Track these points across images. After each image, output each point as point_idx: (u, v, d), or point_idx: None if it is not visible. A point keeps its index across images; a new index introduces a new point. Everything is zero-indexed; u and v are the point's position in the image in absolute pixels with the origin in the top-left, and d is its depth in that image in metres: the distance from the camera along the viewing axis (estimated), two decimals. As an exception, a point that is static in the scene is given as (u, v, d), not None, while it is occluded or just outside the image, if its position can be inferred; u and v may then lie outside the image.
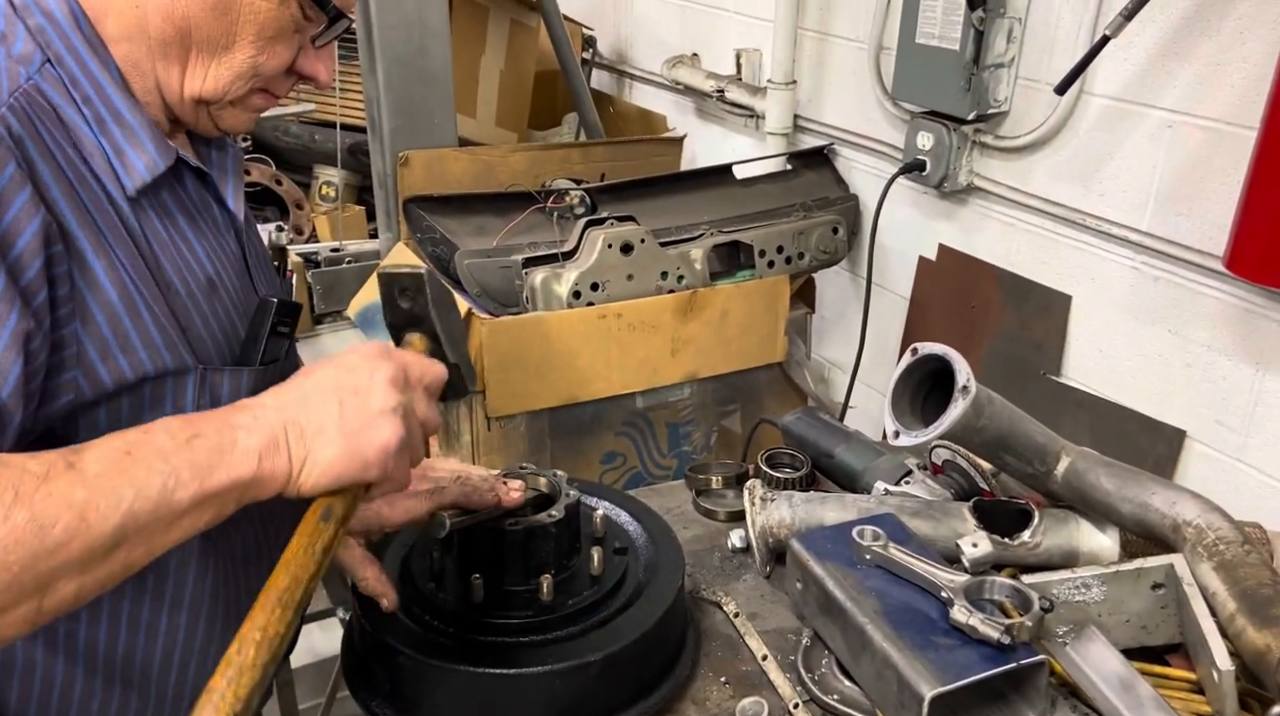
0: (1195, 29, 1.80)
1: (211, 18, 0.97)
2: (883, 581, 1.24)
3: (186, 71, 1.00)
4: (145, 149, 0.97)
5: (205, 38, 0.98)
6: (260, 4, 0.98)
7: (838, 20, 2.58)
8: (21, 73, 0.91)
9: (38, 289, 0.86)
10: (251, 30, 0.98)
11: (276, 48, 1.01)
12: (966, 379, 1.29)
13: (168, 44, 0.97)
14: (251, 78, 1.02)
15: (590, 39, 3.48)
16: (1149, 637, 1.27)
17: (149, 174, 0.97)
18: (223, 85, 1.01)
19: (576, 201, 2.30)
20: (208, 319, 1.02)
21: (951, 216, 2.38)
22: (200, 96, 1.01)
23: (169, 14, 0.96)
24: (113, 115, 0.96)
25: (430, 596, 1.18)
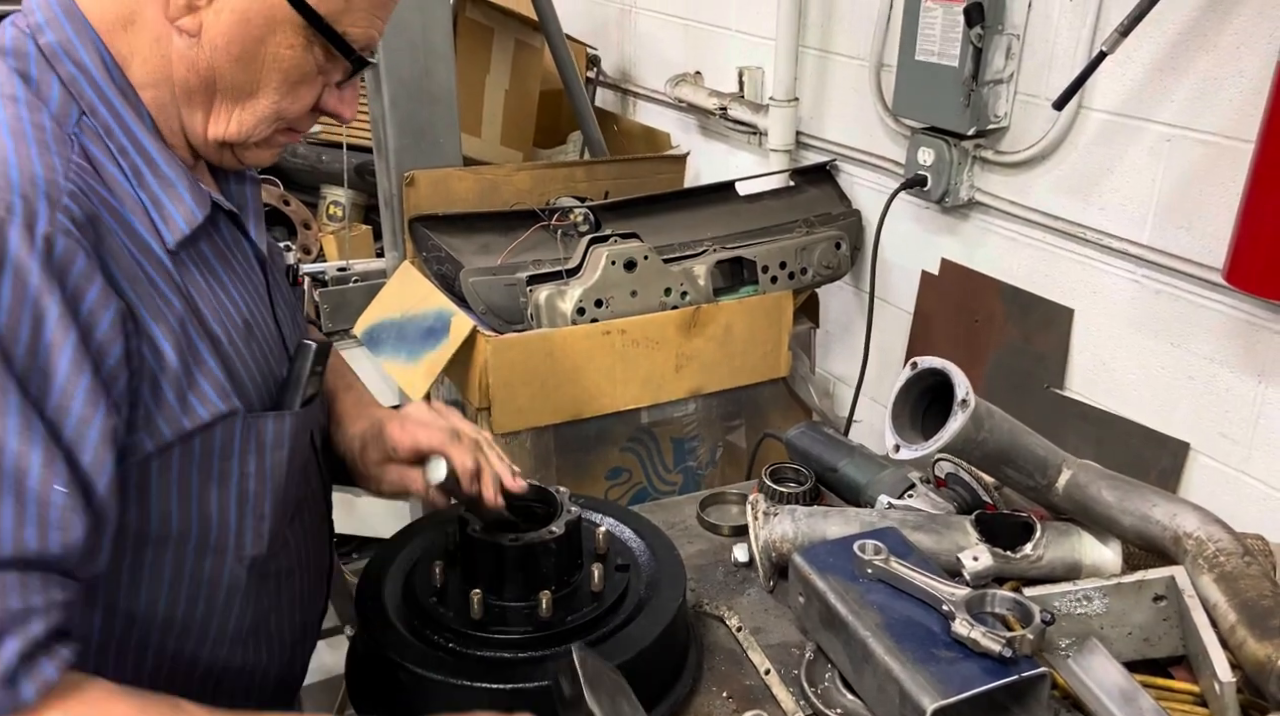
0: (1192, 44, 1.81)
1: (236, 67, 0.96)
2: (885, 595, 1.25)
3: (210, 116, 0.99)
4: (183, 200, 0.97)
5: (230, 85, 0.97)
6: (284, 51, 0.97)
7: (838, 38, 2.60)
8: (66, 134, 0.90)
9: (118, 374, 0.87)
10: (276, 77, 0.98)
11: (300, 91, 1.01)
12: (965, 392, 1.30)
13: (192, 91, 0.97)
14: (275, 121, 1.02)
15: (594, 58, 3.51)
16: (1151, 650, 1.27)
17: (188, 226, 0.97)
18: (246, 129, 1.00)
19: (580, 219, 2.32)
20: (248, 363, 1.03)
21: (953, 231, 2.39)
22: (225, 140, 1.01)
23: (193, 64, 0.95)
24: (149, 165, 0.95)
25: (431, 611, 1.19)
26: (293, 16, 0.94)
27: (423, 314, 2.20)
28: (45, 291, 0.81)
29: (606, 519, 1.37)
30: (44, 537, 0.81)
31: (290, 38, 0.96)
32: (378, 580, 1.26)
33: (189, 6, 0.93)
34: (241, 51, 0.95)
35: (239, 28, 0.94)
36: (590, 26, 3.60)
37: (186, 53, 0.94)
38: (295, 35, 0.96)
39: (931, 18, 2.16)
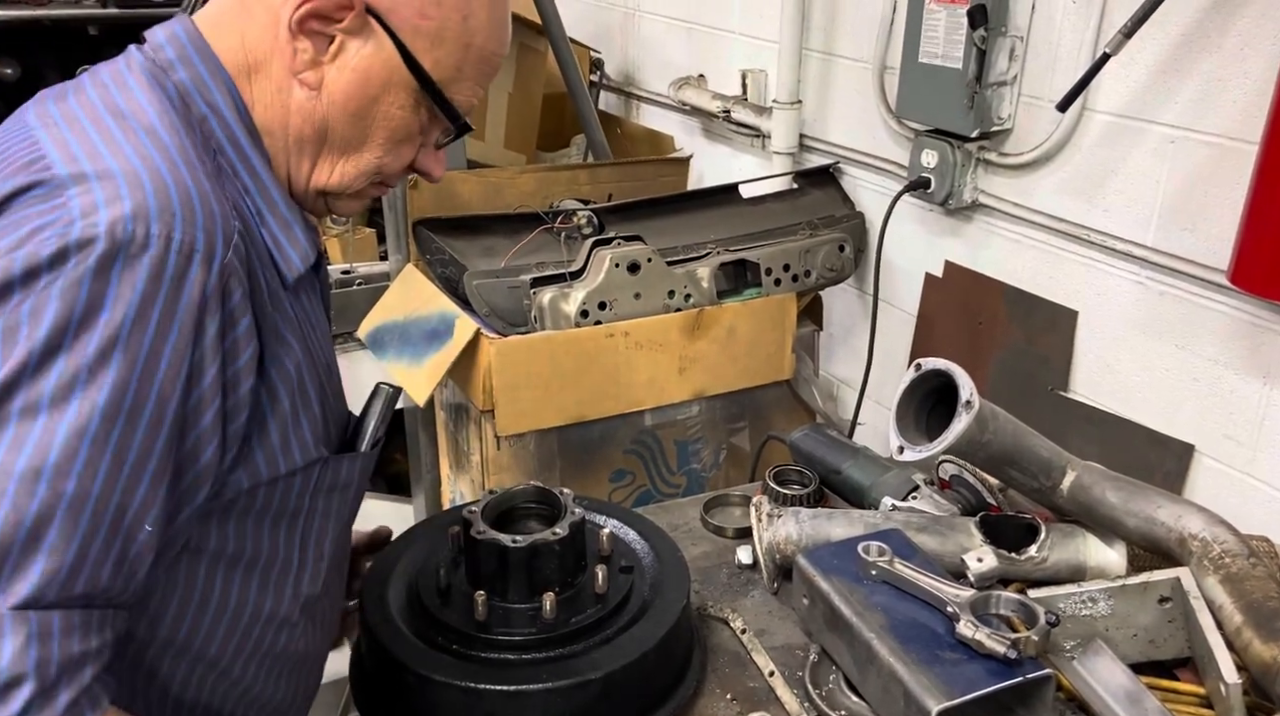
0: (1196, 45, 1.81)
1: (349, 122, 0.99)
2: (889, 597, 1.24)
3: (316, 166, 1.02)
4: (299, 240, 1.00)
5: (340, 138, 1.00)
6: (395, 111, 0.99)
7: (841, 41, 2.60)
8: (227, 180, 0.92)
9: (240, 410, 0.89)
10: (383, 134, 1.01)
11: (402, 149, 1.04)
12: (970, 394, 1.30)
13: (304, 141, 0.99)
14: (374, 175, 1.04)
15: (597, 61, 3.51)
16: (1156, 651, 1.27)
17: (303, 265, 0.99)
18: (348, 180, 1.03)
19: (584, 222, 2.32)
20: (329, 403, 1.05)
21: (957, 233, 2.39)
22: (325, 189, 1.03)
23: (310, 115, 0.98)
24: (269, 207, 0.97)
25: (436, 613, 1.19)
26: (409, 80, 0.98)
27: (426, 316, 2.21)
28: (209, 321, 0.85)
29: (610, 520, 1.37)
30: (117, 576, 0.82)
31: (403, 98, 0.99)
32: (382, 582, 1.26)
33: (313, 62, 0.96)
34: (357, 108, 0.98)
35: (358, 86, 0.97)
36: (593, 30, 3.61)
37: (305, 104, 0.97)
38: (408, 97, 0.99)
39: (935, 20, 2.16)
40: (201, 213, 0.85)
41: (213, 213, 0.86)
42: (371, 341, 2.33)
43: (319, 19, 0.94)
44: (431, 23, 0.96)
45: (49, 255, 0.78)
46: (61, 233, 0.79)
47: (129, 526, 0.82)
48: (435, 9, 0.96)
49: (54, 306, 0.78)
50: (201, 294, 0.83)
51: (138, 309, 0.80)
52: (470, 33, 0.98)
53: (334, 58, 0.96)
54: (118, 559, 0.82)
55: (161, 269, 0.81)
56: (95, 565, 0.80)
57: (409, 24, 0.96)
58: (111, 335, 0.79)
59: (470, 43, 0.99)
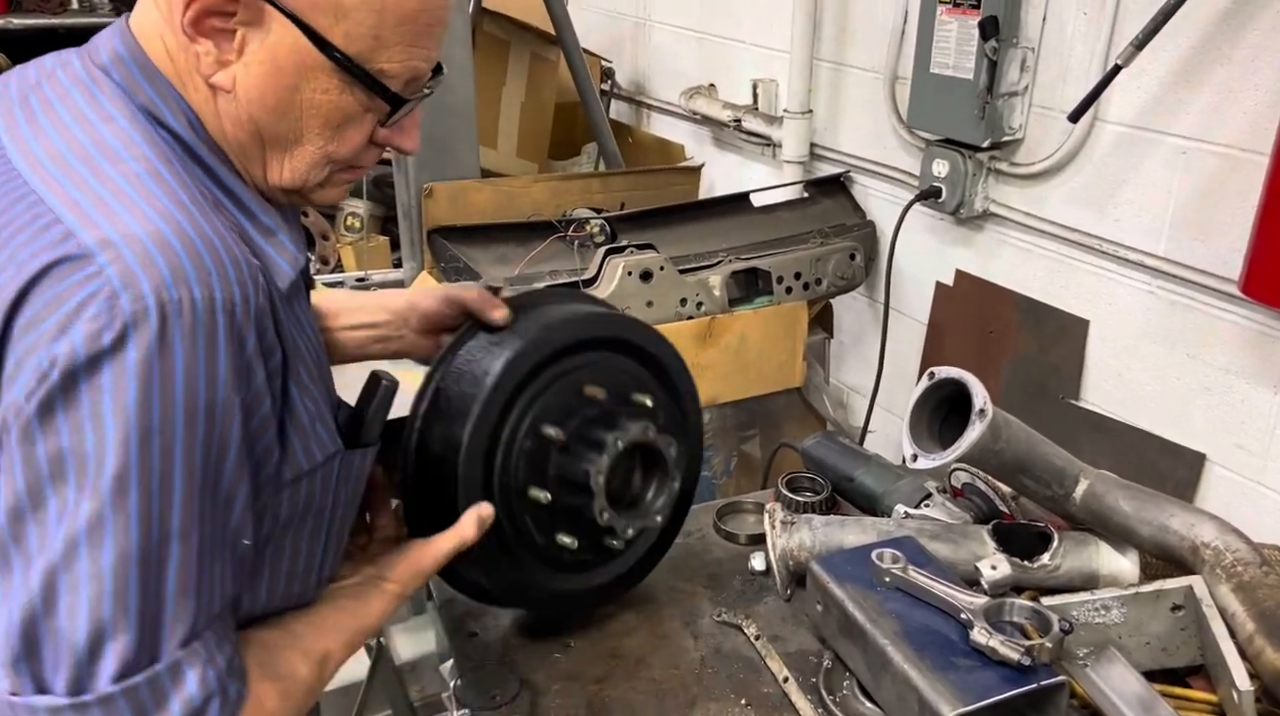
0: (1207, 57, 1.82)
1: (274, 117, 0.93)
2: (903, 603, 1.25)
3: (266, 167, 0.97)
4: (285, 247, 0.96)
5: (273, 136, 0.95)
6: (319, 97, 0.93)
7: (852, 51, 2.62)
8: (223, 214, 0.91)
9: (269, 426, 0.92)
10: (316, 123, 0.95)
11: (346, 133, 0.97)
12: (983, 402, 1.31)
13: (244, 145, 0.95)
14: (326, 164, 0.98)
15: (609, 70, 3.54)
16: (1169, 659, 1.28)
17: (293, 270, 0.96)
18: (300, 176, 0.98)
19: (597, 230, 2.34)
20: (329, 397, 1.04)
21: (968, 242, 2.40)
22: (284, 187, 0.99)
23: (236, 119, 0.93)
24: (249, 219, 0.94)
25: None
26: (323, 61, 0.90)
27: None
28: (255, 362, 0.87)
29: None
30: (236, 584, 0.91)
31: (324, 82, 0.92)
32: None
33: (219, 62, 0.90)
34: (277, 102, 0.92)
35: (271, 78, 0.91)
36: (605, 40, 3.63)
37: (229, 108, 0.92)
38: (329, 79, 0.92)
39: (946, 31, 2.17)
40: (230, 263, 0.84)
41: (239, 260, 0.85)
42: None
43: (211, 15, 0.88)
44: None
45: (111, 341, 0.78)
46: (109, 309, 0.78)
47: (233, 545, 0.89)
48: None
49: (132, 387, 0.79)
50: (248, 340, 0.85)
51: (205, 369, 0.82)
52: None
53: (239, 54, 0.89)
54: (234, 573, 0.90)
55: (213, 330, 0.82)
56: (221, 586, 0.89)
57: (306, 1, 0.88)
58: (189, 403, 0.81)
59: (383, 6, 0.90)
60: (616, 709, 1.25)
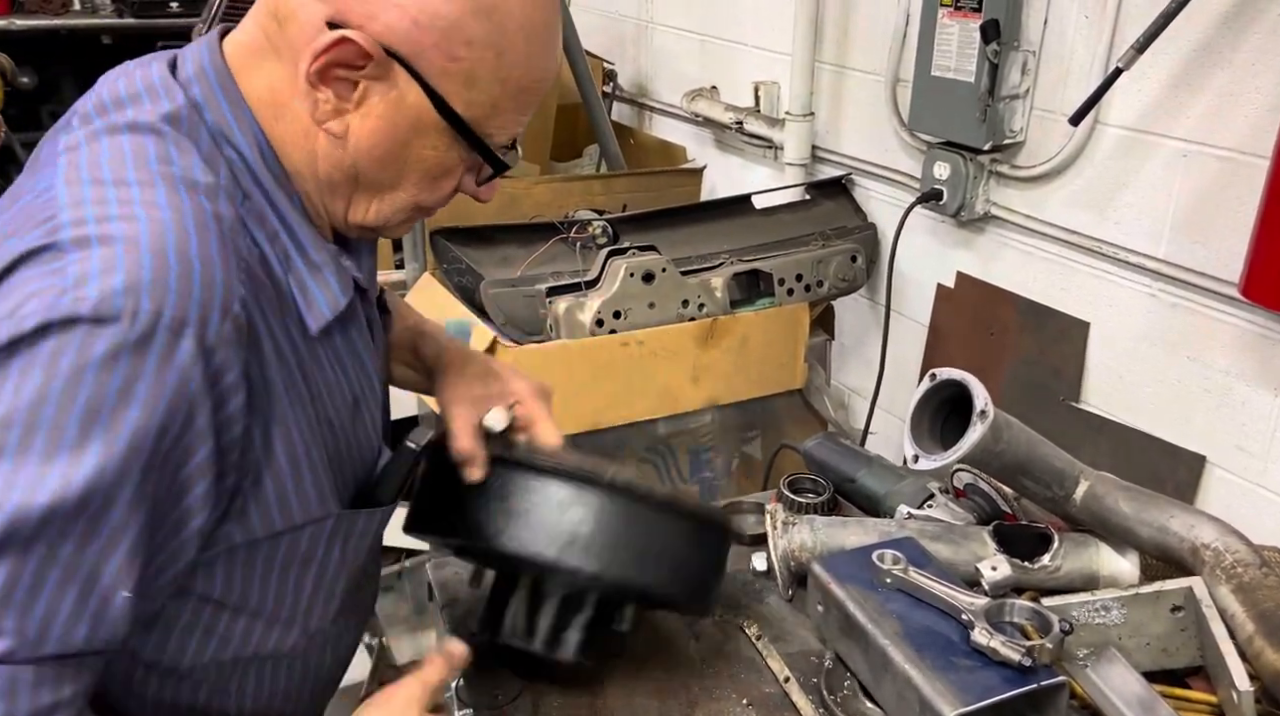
0: (1208, 60, 1.83)
1: (378, 167, 0.94)
2: (904, 604, 1.26)
3: (351, 206, 0.98)
4: (329, 285, 0.95)
5: (371, 182, 0.96)
6: (427, 153, 0.94)
7: (854, 53, 2.62)
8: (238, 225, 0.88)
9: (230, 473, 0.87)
10: (417, 174, 0.96)
11: (441, 184, 0.99)
12: (985, 403, 1.32)
13: (335, 185, 0.96)
14: (413, 210, 1.00)
15: (611, 72, 3.55)
16: (1169, 660, 1.28)
17: (331, 313, 0.95)
18: (384, 218, 0.99)
19: (599, 232, 2.34)
20: (350, 445, 1.01)
21: (969, 244, 2.40)
22: (364, 225, 1.00)
23: (338, 162, 0.94)
24: (299, 251, 0.93)
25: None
26: (438, 122, 0.92)
27: (443, 325, 2.22)
28: (199, 402, 0.81)
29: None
30: (93, 636, 0.81)
31: (435, 140, 0.93)
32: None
33: (336, 111, 0.91)
34: (385, 154, 0.93)
35: (385, 132, 0.92)
36: (606, 41, 3.64)
37: (331, 152, 0.93)
38: (440, 138, 0.93)
39: (948, 34, 2.18)
40: (200, 283, 0.81)
41: (213, 282, 0.82)
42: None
43: (340, 67, 0.88)
44: (462, 64, 0.89)
45: (31, 328, 0.77)
46: (49, 304, 0.77)
47: (104, 592, 0.80)
48: (465, 49, 0.89)
49: (35, 381, 0.76)
50: (192, 371, 0.80)
51: (121, 386, 0.78)
52: (506, 68, 0.92)
53: (358, 105, 0.90)
54: (92, 623, 0.80)
55: (147, 346, 0.78)
56: (66, 628, 0.79)
57: (436, 66, 0.89)
58: (94, 413, 0.77)
59: (507, 78, 0.92)
60: (618, 709, 1.26)
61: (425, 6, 0.87)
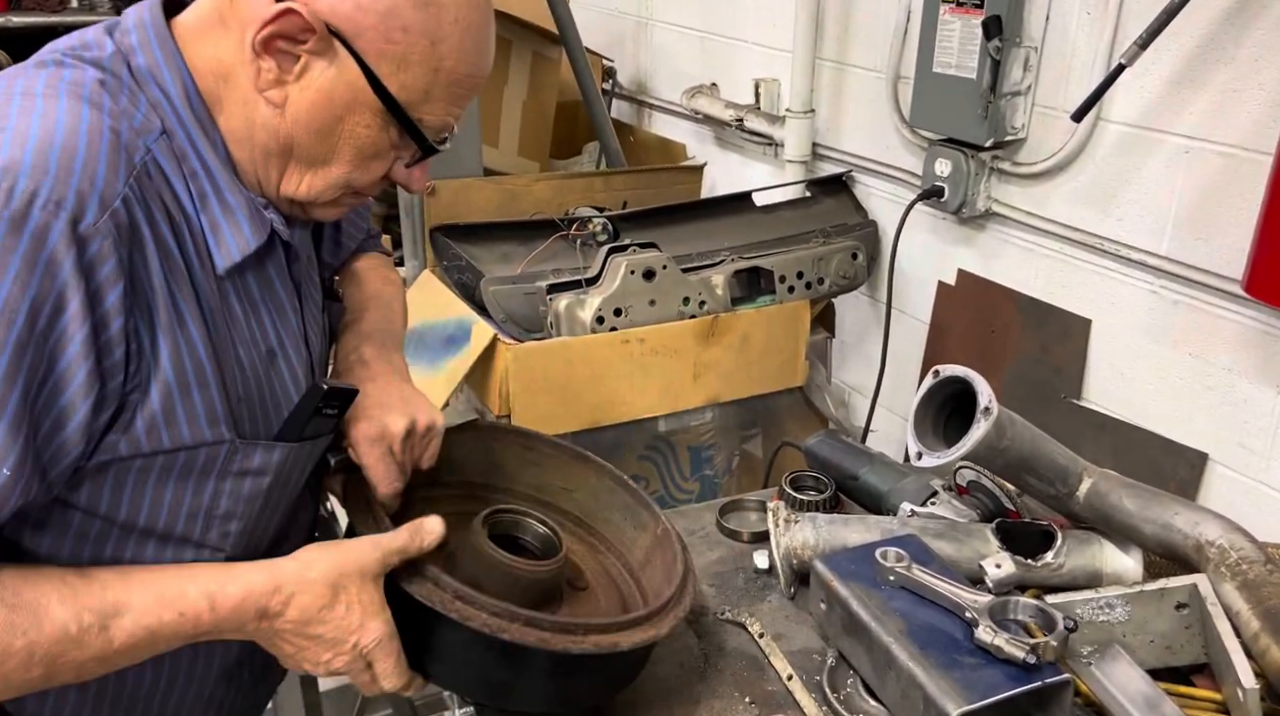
0: (1211, 57, 1.82)
1: (313, 139, 1.00)
2: (907, 602, 1.25)
3: (284, 176, 1.03)
4: (241, 229, 1.01)
5: (305, 153, 1.02)
6: (360, 130, 1.00)
7: (855, 50, 2.62)
8: (141, 146, 0.94)
9: (115, 373, 0.90)
10: (349, 151, 1.02)
11: (371, 165, 1.05)
12: (989, 400, 1.31)
13: (270, 154, 1.01)
14: (344, 188, 1.06)
15: (610, 70, 3.54)
16: (1173, 657, 1.28)
17: (239, 254, 1.01)
18: (315, 192, 1.05)
19: (599, 229, 2.34)
20: (262, 390, 1.05)
21: (970, 242, 2.40)
22: (294, 198, 1.05)
23: (274, 131, 1.00)
24: (215, 192, 0.99)
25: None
26: (373, 100, 0.98)
27: (443, 322, 2.22)
28: (72, 285, 0.85)
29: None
30: None
31: (368, 118, 1.00)
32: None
33: (277, 80, 0.97)
34: (320, 126, 1.00)
35: (321, 105, 0.98)
36: (606, 39, 3.63)
37: (269, 120, 0.99)
38: (373, 117, 1.00)
39: (949, 30, 2.17)
40: (79, 173, 0.86)
41: (94, 176, 0.87)
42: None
43: (284, 39, 0.95)
44: (397, 47, 0.96)
45: None
46: None
47: None
48: (401, 34, 0.96)
49: None
50: (67, 252, 0.84)
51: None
52: (439, 57, 0.99)
53: (298, 77, 0.97)
54: None
55: (22, 223, 0.83)
56: None
57: (374, 47, 0.96)
58: None
59: (439, 67, 0.99)
60: (621, 707, 1.25)
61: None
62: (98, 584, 0.92)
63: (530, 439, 1.42)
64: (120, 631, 0.91)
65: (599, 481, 1.40)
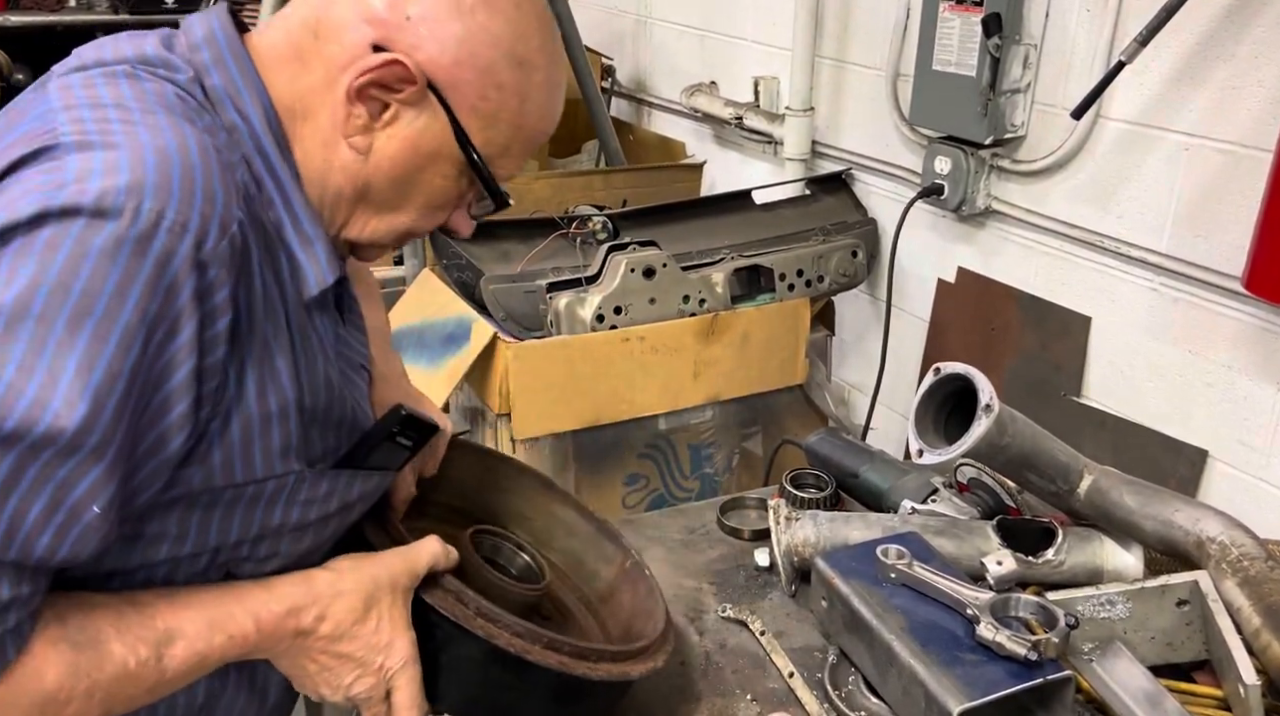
0: (1210, 54, 1.82)
1: (390, 186, 0.98)
2: (908, 599, 1.25)
3: (349, 220, 1.01)
4: (319, 260, 0.97)
5: (377, 200, 0.99)
6: (437, 180, 0.99)
7: (854, 48, 2.62)
8: (239, 172, 0.89)
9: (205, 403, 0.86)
10: (422, 199, 1.01)
11: (437, 214, 1.04)
12: (990, 397, 1.31)
13: (342, 197, 0.99)
14: (404, 234, 1.04)
15: (609, 68, 3.54)
16: (1174, 654, 1.28)
17: (318, 288, 0.97)
18: (377, 236, 1.03)
19: (599, 227, 2.34)
20: (329, 417, 1.01)
21: (970, 239, 2.40)
22: (353, 240, 1.03)
23: (353, 176, 0.97)
24: (292, 221, 0.95)
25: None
26: (456, 154, 0.97)
27: (443, 321, 2.22)
28: (188, 312, 0.81)
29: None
30: (54, 549, 0.79)
31: (446, 169, 0.99)
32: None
33: (365, 128, 0.95)
34: (400, 175, 0.98)
35: (405, 154, 0.96)
36: (605, 37, 3.63)
37: (350, 164, 0.96)
38: (451, 168, 0.99)
39: (949, 28, 2.17)
40: (202, 195, 0.82)
41: (214, 197, 0.83)
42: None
43: (380, 87, 0.93)
44: (489, 104, 0.96)
45: (29, 215, 0.76)
46: (49, 194, 0.77)
47: (74, 506, 0.79)
48: (495, 92, 0.96)
49: (29, 269, 0.75)
50: (188, 277, 0.80)
51: (118, 283, 0.77)
52: (524, 115, 0.98)
53: (386, 125, 0.95)
54: (55, 536, 0.79)
55: (148, 245, 0.78)
56: (29, 537, 0.78)
57: (467, 102, 0.95)
58: (83, 309, 0.76)
59: (523, 124, 0.99)
60: (623, 706, 1.25)
61: (468, 47, 0.93)
62: (149, 612, 0.89)
63: (494, 460, 1.38)
64: (173, 661, 0.89)
65: (561, 511, 1.37)
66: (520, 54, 0.96)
